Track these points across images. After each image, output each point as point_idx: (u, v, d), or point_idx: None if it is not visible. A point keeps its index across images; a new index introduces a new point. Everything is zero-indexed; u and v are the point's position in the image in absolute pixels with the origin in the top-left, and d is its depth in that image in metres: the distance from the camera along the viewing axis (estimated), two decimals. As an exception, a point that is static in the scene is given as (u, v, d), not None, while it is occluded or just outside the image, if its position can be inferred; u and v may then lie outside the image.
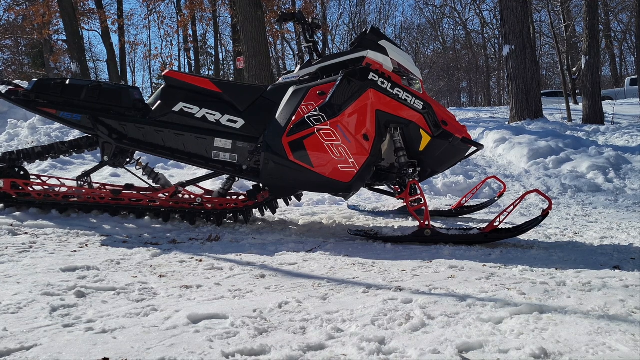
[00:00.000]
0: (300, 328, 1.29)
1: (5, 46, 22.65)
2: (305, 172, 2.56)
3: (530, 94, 9.06)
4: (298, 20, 2.89)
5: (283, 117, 2.62)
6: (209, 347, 1.16)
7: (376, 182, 2.93)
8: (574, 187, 4.68)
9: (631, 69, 29.14)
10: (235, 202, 2.90)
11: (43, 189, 2.81)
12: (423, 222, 2.46)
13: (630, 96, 18.88)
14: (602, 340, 1.20)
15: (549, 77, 31.76)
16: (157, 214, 2.85)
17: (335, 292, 1.62)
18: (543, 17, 24.62)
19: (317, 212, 3.54)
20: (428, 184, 4.61)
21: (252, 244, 2.42)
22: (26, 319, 1.31)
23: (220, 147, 2.77)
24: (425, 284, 1.70)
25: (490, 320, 1.33)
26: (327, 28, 25.08)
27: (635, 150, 6.07)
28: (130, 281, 1.70)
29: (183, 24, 17.14)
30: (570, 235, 2.75)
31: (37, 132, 5.14)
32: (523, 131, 7.08)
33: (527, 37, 9.09)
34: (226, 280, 1.76)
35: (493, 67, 30.85)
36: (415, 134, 2.67)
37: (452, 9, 32.44)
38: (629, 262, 2.08)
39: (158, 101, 2.81)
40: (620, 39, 27.53)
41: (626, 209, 3.85)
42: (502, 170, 5.65)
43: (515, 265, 1.98)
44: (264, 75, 7.76)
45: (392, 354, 1.13)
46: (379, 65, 2.64)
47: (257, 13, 7.83)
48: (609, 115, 11.50)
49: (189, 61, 25.88)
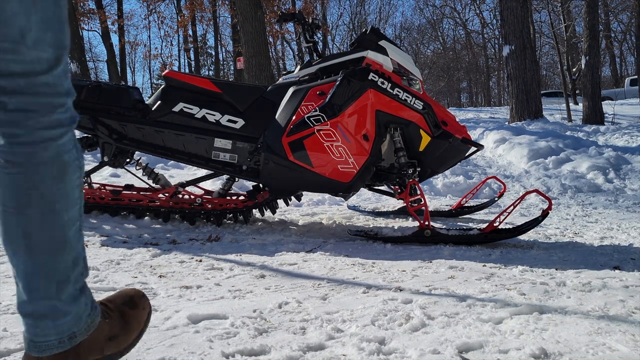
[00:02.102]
0: (300, 328, 1.29)
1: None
2: (305, 172, 2.56)
3: (530, 94, 9.06)
4: (298, 20, 2.89)
5: (283, 117, 2.62)
6: (209, 347, 1.16)
7: (376, 183, 2.93)
8: (574, 187, 4.68)
9: (631, 69, 29.16)
10: (235, 203, 2.91)
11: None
12: (423, 223, 2.46)
13: (630, 96, 18.88)
14: (602, 340, 1.20)
15: (549, 77, 31.78)
16: (157, 214, 2.85)
17: (335, 292, 1.62)
18: (543, 17, 24.67)
19: (317, 212, 3.54)
20: (428, 184, 4.61)
21: (252, 244, 2.42)
22: (26, 319, 1.31)
23: (220, 148, 2.77)
24: (425, 284, 1.70)
25: (490, 321, 1.33)
26: (327, 28, 25.10)
27: (635, 151, 6.07)
28: (130, 281, 1.70)
29: (183, 24, 17.16)
30: (570, 236, 2.75)
31: (37, 132, 5.14)
32: (523, 131, 7.08)
33: (527, 37, 9.10)
34: (226, 280, 1.76)
35: (493, 67, 30.88)
36: (415, 134, 2.67)
37: (452, 9, 32.48)
38: (629, 263, 2.08)
39: (158, 101, 2.81)
40: (620, 39, 27.54)
41: (626, 209, 3.85)
42: (502, 170, 5.65)
43: (515, 265, 1.98)
44: (264, 76, 7.76)
45: (392, 354, 1.13)
46: (379, 65, 2.64)
47: (257, 13, 7.84)
48: (609, 115, 11.50)
49: (189, 61, 25.93)
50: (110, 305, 0.98)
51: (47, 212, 0.83)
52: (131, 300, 1.01)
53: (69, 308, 0.85)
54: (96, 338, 0.90)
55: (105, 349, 0.92)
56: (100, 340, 0.91)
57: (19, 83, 0.77)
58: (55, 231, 0.84)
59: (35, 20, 0.76)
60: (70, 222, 0.86)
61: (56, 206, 0.83)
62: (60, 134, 0.83)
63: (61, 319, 0.85)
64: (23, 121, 0.79)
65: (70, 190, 0.85)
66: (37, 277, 0.83)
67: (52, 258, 0.84)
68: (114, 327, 0.95)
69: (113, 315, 0.96)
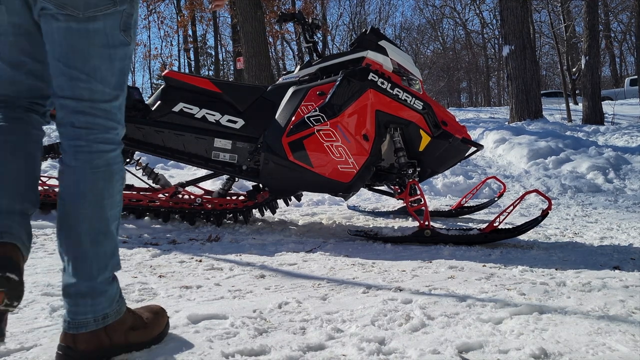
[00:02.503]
0: (300, 328, 1.29)
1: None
2: (305, 172, 2.56)
3: (530, 94, 9.06)
4: (298, 20, 2.89)
5: (283, 117, 2.62)
6: (209, 347, 1.16)
7: (376, 183, 2.93)
8: (574, 187, 4.68)
9: (631, 69, 29.17)
10: (235, 203, 2.91)
11: (43, 189, 2.81)
12: (423, 223, 2.46)
13: (630, 96, 18.89)
14: (602, 340, 1.20)
15: (549, 77, 31.79)
16: (157, 214, 2.85)
17: (335, 292, 1.62)
18: (543, 17, 24.67)
19: (317, 212, 3.55)
20: (428, 184, 4.61)
21: (252, 244, 2.42)
22: (26, 319, 1.31)
23: (220, 148, 2.77)
24: (425, 284, 1.70)
25: (490, 321, 1.33)
26: (327, 28, 25.11)
27: (635, 151, 6.07)
28: (130, 281, 1.70)
29: (183, 24, 17.14)
30: (570, 236, 2.75)
31: (37, 132, 5.13)
32: (523, 131, 7.09)
33: (527, 37, 9.10)
34: (226, 280, 1.76)
35: (493, 67, 30.88)
36: (415, 134, 2.67)
37: (452, 9, 32.49)
38: (629, 262, 2.08)
39: (158, 101, 2.81)
40: (620, 39, 27.55)
41: (626, 209, 3.85)
42: (502, 170, 5.65)
43: (515, 265, 1.99)
44: (263, 76, 7.77)
45: (392, 354, 1.13)
46: (378, 65, 2.64)
47: (257, 13, 7.84)
48: (609, 115, 11.51)
49: (189, 61, 25.91)
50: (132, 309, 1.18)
51: (96, 207, 1.06)
52: (152, 309, 1.23)
53: (105, 289, 1.07)
54: (122, 324, 1.10)
55: (129, 337, 1.11)
56: (125, 327, 1.11)
57: (85, 105, 1.06)
58: (101, 223, 1.07)
59: (106, 67, 1.07)
60: (113, 218, 1.10)
61: (104, 202, 1.07)
62: (112, 149, 1.10)
63: (98, 298, 1.06)
64: (85, 136, 1.07)
65: (114, 193, 1.10)
66: (82, 262, 1.05)
67: (96, 246, 1.06)
68: (137, 321, 1.15)
69: (136, 313, 1.17)
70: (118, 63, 1.09)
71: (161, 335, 1.19)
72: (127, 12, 1.07)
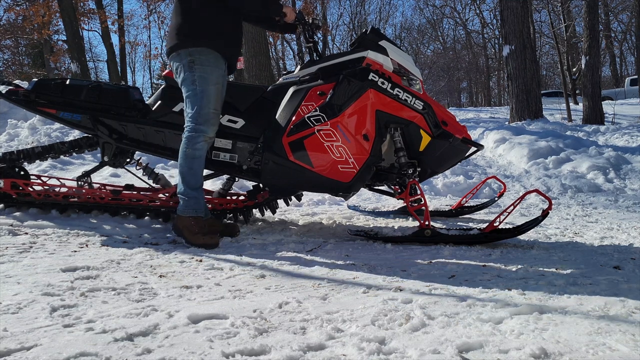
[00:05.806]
0: (300, 328, 1.29)
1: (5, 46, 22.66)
2: (305, 172, 2.56)
3: (530, 94, 9.06)
4: (298, 20, 2.89)
5: (283, 117, 2.62)
6: (209, 347, 1.16)
7: (376, 183, 2.93)
8: (574, 187, 4.68)
9: (631, 69, 29.17)
10: (235, 202, 2.90)
11: (43, 189, 2.81)
12: (423, 222, 2.46)
13: (630, 96, 18.90)
14: (602, 340, 1.20)
15: (549, 77, 31.78)
16: (157, 214, 2.85)
17: (336, 292, 1.62)
18: (543, 17, 24.66)
19: (317, 212, 3.55)
20: (428, 184, 4.61)
21: (252, 244, 2.42)
22: (26, 319, 1.31)
23: (220, 147, 2.76)
24: (425, 284, 1.70)
25: (490, 321, 1.33)
26: (327, 28, 25.10)
27: (635, 151, 6.07)
28: (130, 281, 1.70)
29: (183, 24, 17.09)
30: (570, 236, 2.75)
31: (37, 132, 5.14)
32: (523, 131, 7.08)
33: (527, 37, 9.10)
34: (226, 280, 1.76)
35: (493, 67, 30.86)
36: (415, 134, 2.67)
37: (452, 9, 32.47)
38: (629, 262, 2.08)
39: (158, 101, 2.81)
40: (620, 39, 27.55)
41: (626, 209, 3.85)
42: (502, 170, 5.65)
43: (515, 265, 1.99)
44: (264, 76, 7.77)
45: (392, 354, 1.13)
46: (379, 65, 2.63)
47: (257, 13, 7.82)
48: (609, 115, 11.51)
49: (189, 61, 25.84)
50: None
51: (183, 156, 2.41)
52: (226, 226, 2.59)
53: (192, 194, 2.39)
54: (203, 224, 2.37)
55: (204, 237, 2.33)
56: (203, 228, 2.36)
57: (181, 118, 2.57)
58: (186, 161, 2.40)
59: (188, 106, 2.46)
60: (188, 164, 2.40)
61: (186, 152, 2.40)
62: (187, 137, 2.41)
63: (191, 200, 2.38)
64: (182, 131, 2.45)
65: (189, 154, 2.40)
66: (183, 178, 2.40)
67: (187, 173, 2.40)
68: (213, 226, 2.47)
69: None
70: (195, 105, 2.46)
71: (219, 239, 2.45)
72: None
